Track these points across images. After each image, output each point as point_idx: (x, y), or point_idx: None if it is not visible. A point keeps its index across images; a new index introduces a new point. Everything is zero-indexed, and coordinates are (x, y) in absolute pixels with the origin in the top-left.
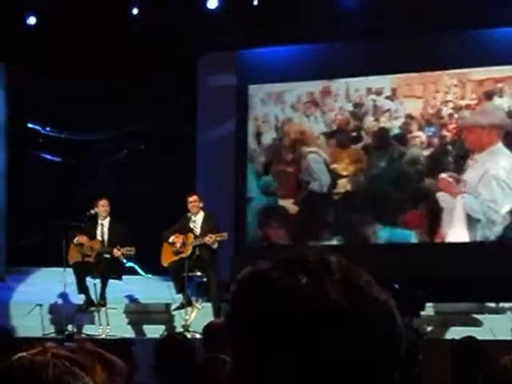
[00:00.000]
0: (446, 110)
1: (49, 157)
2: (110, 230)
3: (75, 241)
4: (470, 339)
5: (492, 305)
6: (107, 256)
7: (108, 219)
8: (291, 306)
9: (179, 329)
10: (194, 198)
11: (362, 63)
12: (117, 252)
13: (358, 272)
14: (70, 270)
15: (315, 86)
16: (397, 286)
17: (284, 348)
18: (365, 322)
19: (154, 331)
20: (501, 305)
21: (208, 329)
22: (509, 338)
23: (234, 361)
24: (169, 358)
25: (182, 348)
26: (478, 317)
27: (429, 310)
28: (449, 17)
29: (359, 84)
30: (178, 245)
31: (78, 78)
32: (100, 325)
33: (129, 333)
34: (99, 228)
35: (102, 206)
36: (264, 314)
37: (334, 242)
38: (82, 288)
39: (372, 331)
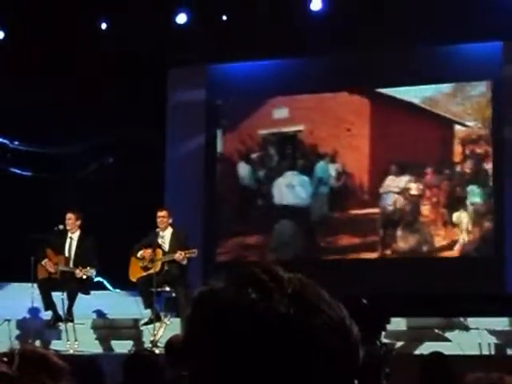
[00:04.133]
0: None
1: (18, 171)
2: (78, 243)
3: (43, 263)
4: (437, 355)
5: (460, 320)
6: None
7: (78, 233)
8: (240, 324)
9: (148, 344)
10: (163, 213)
11: (332, 78)
12: (78, 273)
13: (311, 288)
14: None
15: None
16: (365, 300)
17: (237, 366)
18: (317, 339)
19: (122, 347)
20: (469, 320)
21: (169, 344)
22: (477, 353)
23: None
24: (137, 374)
25: (150, 364)
26: (447, 332)
27: (399, 324)
28: (422, 31)
29: None
30: (147, 260)
31: (46, 92)
32: (68, 340)
33: (97, 348)
34: (68, 242)
35: (69, 219)
36: (214, 334)
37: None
38: (49, 304)
39: (324, 348)
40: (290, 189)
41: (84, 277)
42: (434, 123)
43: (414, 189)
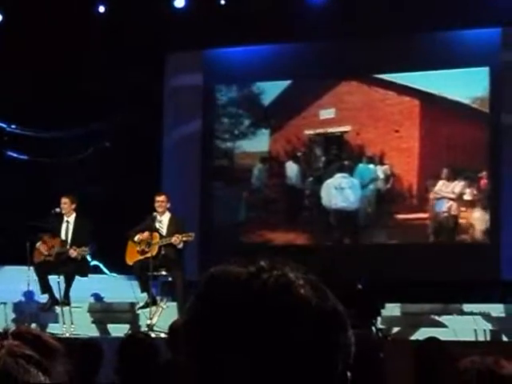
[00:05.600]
0: None
1: (14, 155)
2: (74, 227)
3: (37, 245)
4: (433, 340)
5: (456, 306)
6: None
7: (73, 216)
8: (237, 296)
9: (144, 328)
10: (162, 197)
11: (329, 63)
12: (73, 252)
13: (309, 277)
14: (33, 269)
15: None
16: (360, 286)
17: (236, 343)
18: (311, 326)
19: (119, 330)
20: (464, 306)
21: (172, 328)
22: (472, 339)
23: (190, 359)
24: (132, 357)
25: (145, 347)
26: (443, 318)
27: (394, 310)
28: (422, 17)
29: None
30: (144, 244)
31: (43, 76)
32: (64, 323)
33: (93, 332)
34: (64, 225)
35: (64, 204)
36: (217, 309)
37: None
38: (45, 288)
39: (318, 336)
40: (338, 191)
41: (79, 257)
42: (485, 124)
43: (469, 194)
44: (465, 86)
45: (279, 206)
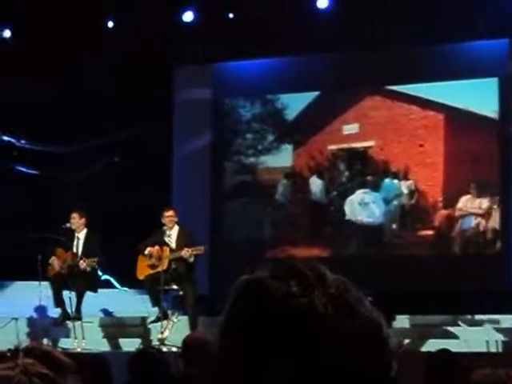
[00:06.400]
0: None
1: (24, 169)
2: (85, 242)
3: (51, 260)
4: (444, 352)
5: (468, 317)
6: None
7: (84, 232)
8: (277, 315)
9: (155, 342)
10: (170, 212)
11: (339, 75)
12: (82, 263)
13: (354, 291)
14: (45, 284)
15: None
16: (370, 298)
17: (276, 353)
18: (349, 343)
19: (130, 345)
20: (476, 317)
21: (186, 342)
22: (484, 350)
23: (228, 367)
24: (143, 371)
25: (156, 362)
26: (454, 329)
27: (405, 322)
28: (429, 29)
29: None
30: (154, 258)
31: (53, 91)
32: (75, 338)
33: (104, 346)
34: (75, 241)
35: (73, 219)
36: (257, 319)
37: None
38: (59, 301)
39: (356, 353)
40: (363, 206)
41: (88, 268)
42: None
43: (496, 210)
44: (488, 98)
45: (303, 221)
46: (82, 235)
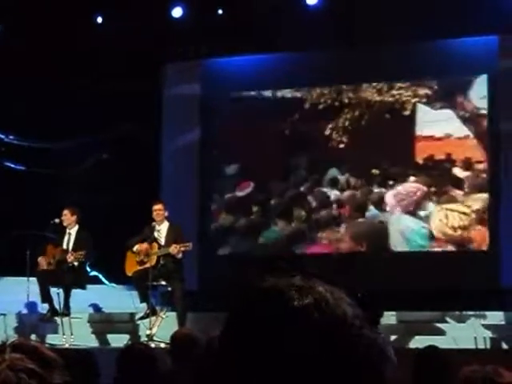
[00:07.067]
0: None
1: (12, 165)
2: (76, 238)
3: (38, 259)
4: (432, 348)
5: (455, 313)
6: (69, 265)
7: (76, 228)
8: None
9: (144, 338)
10: (158, 206)
11: (329, 72)
12: (70, 257)
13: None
14: (33, 280)
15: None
16: (359, 294)
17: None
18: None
19: (118, 341)
20: (464, 314)
21: (174, 338)
22: (472, 346)
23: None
24: (131, 367)
25: (144, 357)
26: (442, 326)
27: (392, 318)
28: (419, 26)
29: None
30: (143, 254)
31: (41, 87)
32: (63, 334)
33: (93, 342)
34: (66, 237)
35: (64, 215)
36: (255, 324)
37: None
38: (46, 297)
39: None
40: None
41: (75, 262)
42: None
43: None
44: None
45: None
46: (73, 231)
